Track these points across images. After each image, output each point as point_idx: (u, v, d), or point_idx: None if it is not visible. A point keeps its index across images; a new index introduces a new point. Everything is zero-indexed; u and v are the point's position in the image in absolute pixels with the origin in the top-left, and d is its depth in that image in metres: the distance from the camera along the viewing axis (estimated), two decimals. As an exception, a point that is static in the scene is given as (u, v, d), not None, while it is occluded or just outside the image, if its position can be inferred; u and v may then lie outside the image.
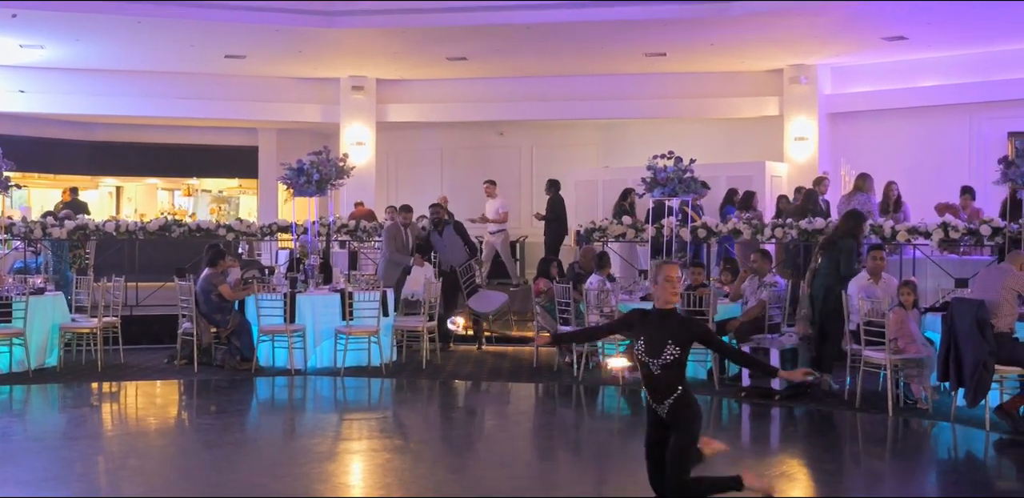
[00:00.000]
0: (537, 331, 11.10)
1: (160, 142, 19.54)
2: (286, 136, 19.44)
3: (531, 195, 18.83)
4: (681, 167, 10.97)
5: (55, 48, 14.74)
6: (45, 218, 13.06)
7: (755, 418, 8.82)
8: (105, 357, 10.65)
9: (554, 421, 9.00)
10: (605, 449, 7.67)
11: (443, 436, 8.36)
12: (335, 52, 15.28)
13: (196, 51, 14.95)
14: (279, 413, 9.33)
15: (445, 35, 14.09)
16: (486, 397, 9.83)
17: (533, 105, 17.23)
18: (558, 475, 6.89)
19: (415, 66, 16.32)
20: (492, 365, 11.15)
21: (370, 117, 17.22)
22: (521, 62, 15.89)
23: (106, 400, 9.64)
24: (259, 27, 13.53)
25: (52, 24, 13.34)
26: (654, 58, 15.29)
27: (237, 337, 10.52)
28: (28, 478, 6.41)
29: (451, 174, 19.00)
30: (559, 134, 18.61)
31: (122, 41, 14.40)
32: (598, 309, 10.04)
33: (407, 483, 6.46)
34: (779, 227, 11.65)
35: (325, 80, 17.10)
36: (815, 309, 9.17)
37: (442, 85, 17.32)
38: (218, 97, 17.18)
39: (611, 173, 16.35)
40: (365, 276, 12.05)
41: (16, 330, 9.98)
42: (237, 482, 6.44)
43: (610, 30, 13.68)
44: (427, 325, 11.00)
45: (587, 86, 16.91)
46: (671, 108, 16.82)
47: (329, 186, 11.64)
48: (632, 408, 9.33)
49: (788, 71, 15.88)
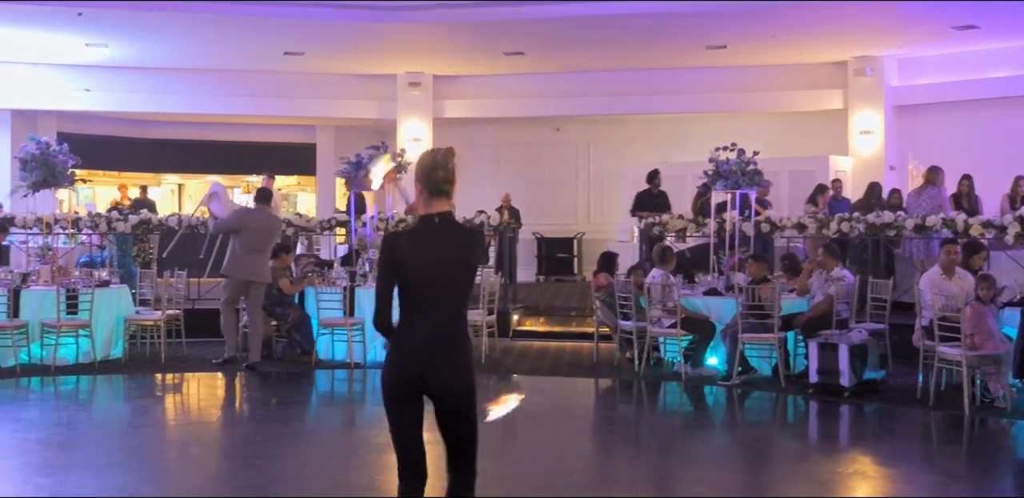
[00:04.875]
0: (597, 326, 10.98)
1: (220, 139, 19.73)
2: (344, 133, 19.51)
3: (587, 192, 18.73)
4: (744, 159, 10.77)
5: (119, 47, 14.92)
6: (110, 213, 13.22)
7: (823, 415, 8.62)
8: (168, 349, 10.73)
9: (614, 416, 8.87)
10: (667, 445, 7.53)
11: (502, 430, 8.26)
12: (392, 48, 15.29)
13: (255, 48, 15.05)
14: (338, 405, 9.32)
15: (502, 30, 14.03)
16: (545, 392, 9.71)
17: (590, 100, 17.09)
18: (620, 471, 6.76)
19: (472, 62, 16.27)
20: (551, 360, 11.05)
21: (427, 113, 17.21)
22: (578, 56, 15.78)
23: (169, 391, 9.70)
24: (318, 23, 13.58)
25: (116, 22, 13.51)
26: (715, 51, 15.08)
27: (297, 330, 10.54)
28: (93, 464, 6.45)
29: (507, 170, 18.92)
30: (616, 129, 18.45)
31: (183, 39, 14.54)
32: (661, 303, 9.89)
33: (469, 475, 6.38)
34: (845, 221, 11.41)
35: (382, 77, 17.12)
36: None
37: (499, 81, 17.26)
38: (277, 94, 17.29)
39: (670, 168, 16.15)
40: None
41: (83, 322, 10.09)
42: (298, 472, 6.41)
43: (670, 23, 13.53)
44: (486, 319, 10.92)
45: (645, 80, 16.74)
46: (732, 102, 16.59)
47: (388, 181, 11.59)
48: (695, 404, 9.18)
49: (853, 63, 15.57)
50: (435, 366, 3.92)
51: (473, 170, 19.02)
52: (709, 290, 10.33)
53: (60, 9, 12.67)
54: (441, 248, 3.94)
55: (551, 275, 17.62)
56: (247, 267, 10.03)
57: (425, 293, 3.91)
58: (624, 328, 10.31)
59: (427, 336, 3.92)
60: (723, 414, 8.90)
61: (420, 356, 3.91)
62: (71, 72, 16.27)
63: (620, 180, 17.74)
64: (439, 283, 3.93)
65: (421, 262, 3.90)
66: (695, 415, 8.94)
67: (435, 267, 3.92)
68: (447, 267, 3.94)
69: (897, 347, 9.76)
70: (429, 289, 3.92)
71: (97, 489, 5.85)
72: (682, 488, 6.32)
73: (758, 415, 8.91)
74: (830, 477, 6.41)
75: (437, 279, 3.93)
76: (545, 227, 17.78)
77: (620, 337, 10.51)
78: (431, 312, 3.92)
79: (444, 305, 3.95)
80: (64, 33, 14.03)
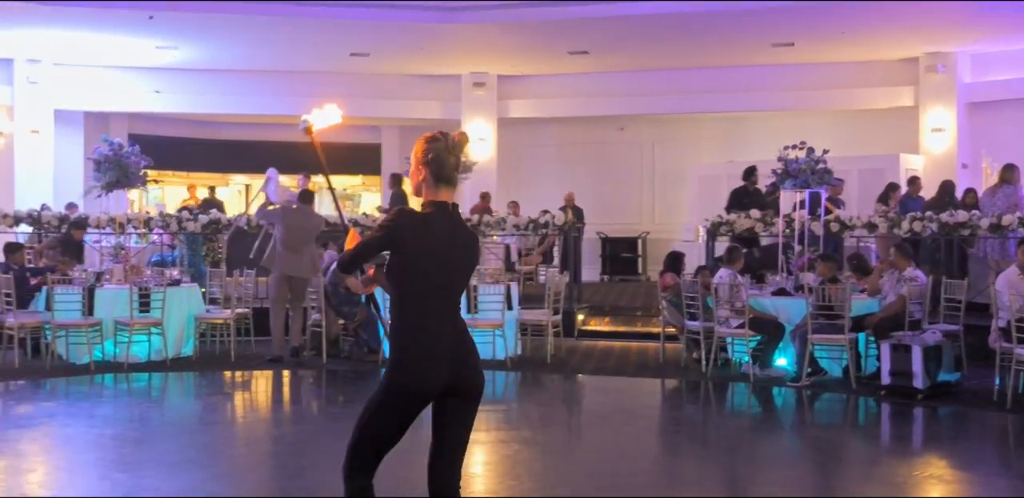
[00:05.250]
0: (663, 326, 10.90)
1: (286, 140, 19.91)
2: (408, 133, 19.59)
3: (652, 191, 18.62)
4: (814, 158, 10.62)
5: (188, 49, 15.17)
6: (180, 213, 13.45)
7: (896, 418, 8.46)
8: (237, 347, 10.88)
9: (681, 417, 8.80)
10: (735, 446, 7.44)
11: (570, 429, 8.26)
12: (457, 49, 15.35)
13: (322, 50, 15.20)
14: (405, 404, 9.33)
15: (567, 29, 14.00)
16: (611, 392, 9.67)
17: (655, 99, 16.99)
18: (687, 472, 6.70)
19: (536, 61, 16.27)
20: (617, 360, 11.00)
21: (491, 113, 17.24)
22: (643, 55, 15.69)
23: (238, 388, 9.83)
24: (384, 24, 13.68)
25: (186, 25, 13.73)
26: (781, 48, 14.90)
27: (364, 329, 10.61)
28: (166, 460, 6.55)
29: (571, 170, 18.89)
30: (681, 128, 18.33)
31: (251, 41, 14.74)
32: (729, 304, 9.79)
33: (536, 474, 6.38)
34: (917, 220, 11.19)
35: (447, 77, 17.19)
36: None
37: (563, 80, 17.23)
38: (342, 95, 17.27)
39: (736, 167, 15.97)
40: (488, 270, 12.03)
41: (155, 320, 10.27)
42: (368, 470, 6.44)
43: (736, 20, 13.39)
44: (551, 319, 10.90)
45: (711, 78, 16.60)
46: (799, 100, 16.37)
47: (454, 180, 11.65)
48: (763, 405, 9.06)
49: (924, 59, 15.28)
50: (466, 365, 3.72)
51: (537, 170, 19.06)
52: (778, 290, 10.20)
53: (132, 12, 12.92)
54: (453, 241, 3.69)
55: (615, 275, 17.55)
56: (286, 263, 10.39)
57: (442, 285, 3.66)
58: (691, 328, 10.22)
59: (452, 333, 3.68)
60: (792, 415, 8.78)
61: (452, 355, 3.67)
62: (142, 74, 16.57)
63: (685, 179, 17.63)
64: (457, 275, 3.72)
65: (441, 251, 3.64)
66: (764, 416, 8.83)
67: (449, 259, 3.67)
68: (459, 261, 3.72)
69: (972, 349, 9.57)
70: (448, 281, 3.68)
71: (172, 485, 5.94)
72: (752, 489, 6.24)
73: (829, 417, 8.78)
74: (904, 480, 6.29)
75: (456, 271, 3.71)
76: (609, 227, 17.72)
77: (687, 337, 10.43)
78: (448, 306, 3.70)
79: (457, 298, 3.74)
80: (135, 36, 14.31)
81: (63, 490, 5.91)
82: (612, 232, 17.71)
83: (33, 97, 15.90)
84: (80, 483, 6.03)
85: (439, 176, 3.69)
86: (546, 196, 17.36)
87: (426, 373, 3.65)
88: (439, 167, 3.68)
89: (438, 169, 3.68)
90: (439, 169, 3.68)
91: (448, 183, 3.71)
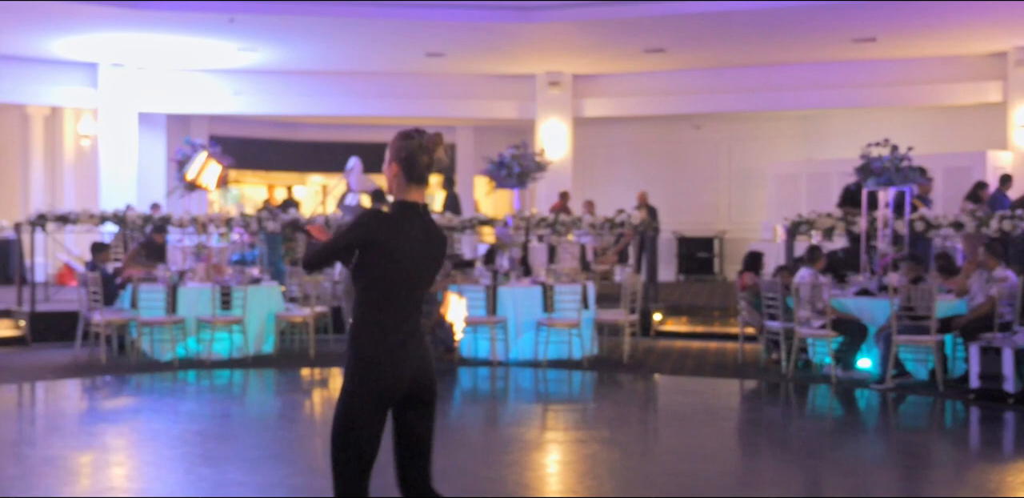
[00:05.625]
0: (742, 327, 10.76)
1: (362, 141, 20.11)
2: (483, 133, 19.67)
3: (728, 190, 18.41)
4: (897, 156, 10.39)
5: (267, 51, 15.37)
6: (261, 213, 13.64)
7: (986, 422, 8.22)
8: (316, 345, 10.99)
9: (761, 418, 8.66)
10: (816, 449, 7.30)
11: (649, 430, 8.20)
12: (532, 48, 15.32)
13: (398, 50, 15.29)
14: (483, 402, 9.37)
15: (643, 27, 13.88)
16: (690, 393, 9.56)
17: (732, 97, 16.76)
18: (769, 474, 6.59)
19: (612, 59, 16.17)
20: (694, 361, 10.88)
21: (566, 112, 17.17)
22: (720, 52, 15.50)
23: (317, 386, 9.94)
24: (460, 24, 13.70)
25: (265, 27, 13.90)
26: (863, 44, 14.59)
27: (440, 328, 10.65)
28: (250, 456, 6.63)
29: (646, 169, 18.76)
30: (758, 126, 18.09)
31: (329, 42, 14.88)
32: (810, 304, 9.62)
33: (617, 474, 6.33)
34: (1007, 219, 10.88)
35: (522, 76, 17.16)
36: None
37: (638, 78, 17.09)
38: (418, 95, 17.52)
39: (815, 165, 15.77)
40: (565, 269, 12.00)
41: (236, 318, 10.42)
42: (448, 467, 6.44)
43: (816, 15, 13.14)
44: (628, 318, 10.83)
45: (789, 75, 16.31)
46: (881, 96, 16.01)
47: (530, 179, 11.66)
48: (846, 408, 8.89)
49: (1013, 53, 14.80)
50: (427, 368, 3.69)
51: (610, 169, 18.97)
52: (860, 290, 10.00)
53: (213, 15, 13.14)
54: (426, 242, 3.64)
55: (691, 274, 17.40)
56: None
57: (407, 287, 3.60)
58: (771, 329, 10.07)
59: (415, 334, 3.63)
60: (877, 418, 8.59)
61: (416, 358, 3.63)
62: (222, 77, 16.83)
63: (762, 177, 17.40)
64: (422, 278, 3.65)
65: (409, 254, 3.58)
66: (847, 419, 8.66)
67: (422, 260, 3.62)
68: (430, 262, 3.66)
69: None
70: (415, 283, 3.61)
71: (255, 480, 6.01)
72: (836, 493, 6.10)
73: (915, 420, 8.57)
74: (997, 486, 6.12)
75: (423, 273, 3.64)
76: (684, 226, 17.57)
77: (766, 338, 10.28)
78: (411, 308, 3.62)
79: (419, 301, 3.67)
80: (216, 39, 14.53)
81: (151, 484, 6.02)
82: (688, 231, 17.55)
83: (117, 100, 16.25)
84: (167, 477, 6.14)
85: (411, 175, 3.63)
86: (620, 195, 17.28)
87: (396, 375, 3.58)
88: (411, 166, 3.62)
89: (410, 168, 3.62)
90: (411, 168, 3.62)
91: (420, 182, 3.65)
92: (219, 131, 18.12)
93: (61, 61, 15.82)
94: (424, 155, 3.62)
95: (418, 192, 3.66)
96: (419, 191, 3.66)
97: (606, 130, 18.77)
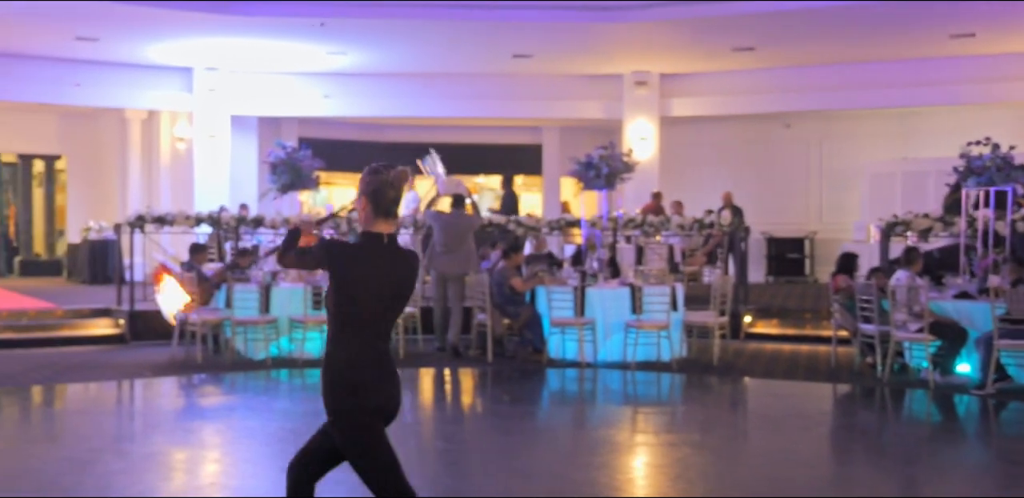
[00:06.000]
0: (835, 330, 10.55)
1: (447, 142, 20.19)
2: (569, 133, 19.63)
3: (820, 190, 18.08)
4: (999, 154, 10.08)
5: (356, 54, 15.57)
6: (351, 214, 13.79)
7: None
8: (405, 345, 11.08)
9: (856, 423, 8.47)
10: (914, 455, 7.13)
11: (740, 434, 8.08)
12: (620, 48, 15.25)
13: (486, 52, 15.36)
14: (571, 404, 9.35)
15: (732, 25, 13.72)
16: (781, 396, 9.41)
17: (824, 94, 16.45)
18: (864, 480, 6.43)
19: (699, 58, 16.01)
20: (786, 364, 10.71)
21: (653, 112, 17.04)
22: (812, 49, 15.23)
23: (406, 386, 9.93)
24: (547, 25, 13.71)
25: (355, 31, 14.09)
26: (961, 39, 14.19)
27: (529, 329, 10.66)
28: (343, 456, 6.70)
29: (735, 169, 18.52)
30: (851, 125, 17.71)
31: (417, 44, 15.00)
32: (907, 307, 9.38)
33: (709, 478, 6.26)
34: (1114, 219, 10.49)
35: (608, 76, 17.09)
36: None
37: (727, 77, 16.89)
38: (505, 97, 17.57)
39: (911, 164, 15.39)
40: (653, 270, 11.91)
41: (326, 318, 10.55)
42: (538, 469, 6.46)
43: (912, 12, 12.84)
44: (717, 321, 10.70)
45: (883, 72, 15.95)
46: (981, 93, 15.54)
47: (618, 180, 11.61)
48: (945, 414, 8.66)
49: (1118, 47, 14.31)
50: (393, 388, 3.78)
51: (698, 169, 18.77)
52: (960, 293, 9.73)
53: (304, 20, 13.35)
54: (388, 273, 3.73)
55: (781, 275, 17.13)
56: (440, 262, 11.00)
57: (368, 315, 3.71)
58: (865, 332, 9.85)
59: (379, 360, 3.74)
60: (977, 424, 8.37)
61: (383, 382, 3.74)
62: (312, 80, 17.09)
63: (855, 177, 17.06)
64: (383, 306, 3.74)
65: (367, 283, 3.70)
66: (945, 425, 8.44)
67: (382, 291, 3.72)
68: (392, 292, 3.75)
69: None
70: (377, 311, 3.72)
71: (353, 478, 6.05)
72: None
73: (1017, 427, 8.32)
74: (1110, 498, 5.89)
75: (382, 302, 3.73)
76: (774, 226, 17.30)
77: (861, 341, 10.06)
78: (371, 333, 3.73)
79: (383, 327, 3.77)
80: (306, 42, 14.77)
81: (248, 480, 6.13)
82: (778, 232, 17.28)
83: (211, 104, 16.63)
84: (263, 474, 6.24)
85: (378, 208, 3.75)
86: (707, 196, 17.07)
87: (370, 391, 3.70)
88: (378, 200, 3.75)
89: (376, 202, 3.75)
90: (377, 202, 3.75)
91: (386, 215, 3.77)
92: (308, 133, 18.40)
93: (158, 66, 16.26)
94: (391, 190, 3.76)
95: (385, 224, 3.78)
96: (386, 223, 3.78)
97: (693, 129, 18.56)
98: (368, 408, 3.73)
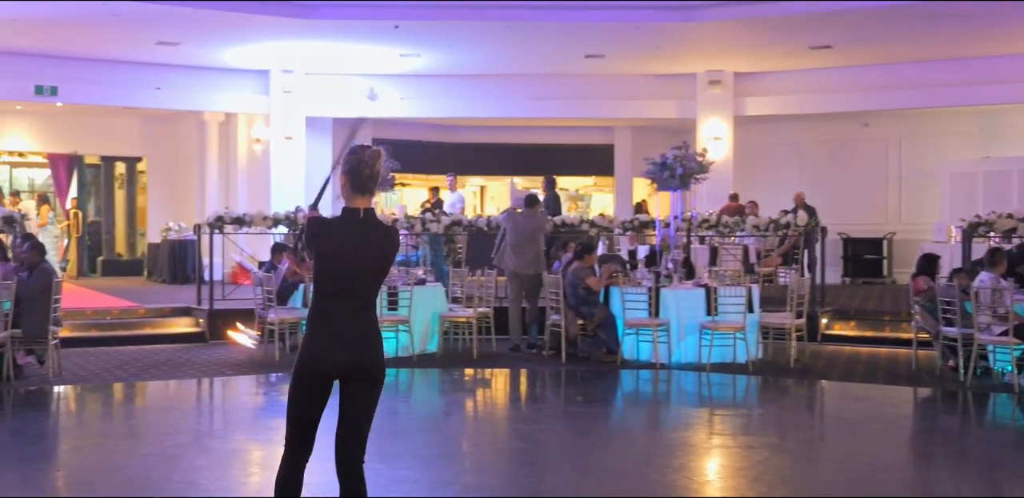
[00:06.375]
0: (916, 332, 10.35)
1: (519, 142, 20.29)
2: (641, 133, 19.55)
3: (899, 190, 17.76)
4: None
5: (430, 56, 15.67)
6: (424, 214, 13.91)
7: None
8: (479, 345, 11.15)
9: (938, 427, 8.31)
10: (998, 460, 6.96)
11: (818, 436, 7.98)
12: (693, 47, 15.13)
13: (558, 52, 15.35)
14: (646, 405, 9.32)
15: (809, 23, 13.52)
16: (861, 399, 9.25)
17: (903, 93, 16.13)
18: (947, 484, 6.31)
19: (775, 57, 15.81)
20: (865, 367, 10.54)
21: (727, 111, 16.88)
22: (890, 48, 14.95)
23: (480, 385, 10.06)
24: (619, 25, 13.65)
25: (428, 32, 14.18)
26: (1047, 35, 13.85)
27: (603, 329, 10.63)
28: (420, 453, 6.77)
29: (810, 169, 18.28)
30: (930, 123, 17.36)
31: (490, 46, 15.05)
32: (991, 309, 9.17)
33: (788, 482, 6.18)
34: None
35: (681, 76, 16.96)
36: None
37: (802, 76, 16.65)
38: (577, 97, 17.54)
39: (993, 164, 15.04)
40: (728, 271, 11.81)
41: (402, 318, 10.67)
42: (615, 469, 6.45)
43: (994, 8, 12.52)
44: (794, 322, 10.57)
45: (964, 70, 15.57)
46: (1068, 91, 15.12)
47: (692, 180, 11.52)
48: (1032, 418, 8.45)
49: None
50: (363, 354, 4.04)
51: (773, 168, 18.56)
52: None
53: (379, 23, 13.49)
54: (361, 243, 4.02)
55: (858, 277, 16.87)
56: (511, 261, 11.29)
57: (346, 284, 4.01)
58: (947, 335, 9.65)
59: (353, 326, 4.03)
60: (1065, 431, 8.14)
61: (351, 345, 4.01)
62: (386, 81, 17.24)
63: (934, 177, 16.72)
64: (364, 276, 4.04)
65: (344, 253, 4.01)
66: (1031, 431, 8.23)
67: (361, 259, 4.01)
68: (364, 261, 4.02)
69: None
70: (351, 279, 4.02)
71: (429, 477, 6.14)
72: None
73: (1108, 434, 8.08)
74: None
75: (361, 272, 4.03)
76: (851, 227, 17.04)
77: (942, 344, 9.85)
78: (351, 302, 4.03)
79: (364, 296, 4.07)
80: (380, 45, 14.91)
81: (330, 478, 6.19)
82: (855, 232, 17.01)
83: (287, 105, 16.86)
84: (343, 472, 6.31)
85: (354, 185, 4.06)
86: (782, 196, 16.88)
87: (321, 356, 4.02)
88: (354, 177, 4.05)
89: (353, 179, 4.05)
90: (354, 179, 4.05)
91: (362, 191, 4.06)
92: (382, 134, 18.54)
93: (235, 69, 16.54)
94: (365, 168, 4.05)
95: (362, 200, 4.07)
96: (363, 199, 4.08)
97: (768, 128, 18.37)
98: (303, 370, 4.05)
